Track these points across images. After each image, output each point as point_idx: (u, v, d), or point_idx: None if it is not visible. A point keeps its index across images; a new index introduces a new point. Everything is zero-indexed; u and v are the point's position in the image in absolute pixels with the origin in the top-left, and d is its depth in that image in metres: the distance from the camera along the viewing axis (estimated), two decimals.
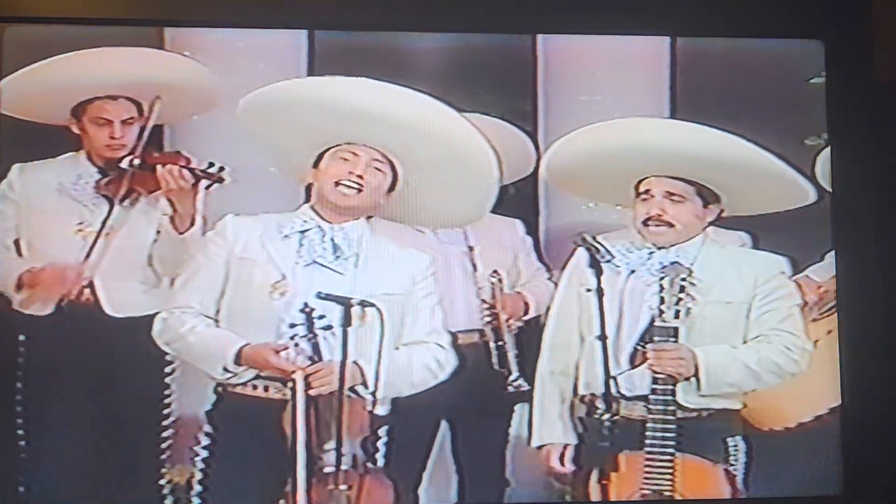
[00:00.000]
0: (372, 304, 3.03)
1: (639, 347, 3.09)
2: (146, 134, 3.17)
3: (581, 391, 3.12)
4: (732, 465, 3.11)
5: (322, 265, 3.07)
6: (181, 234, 3.13)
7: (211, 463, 3.05)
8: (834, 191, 3.25)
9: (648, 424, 3.03)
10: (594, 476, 3.06)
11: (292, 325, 3.01)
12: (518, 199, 3.25)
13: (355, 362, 3.02)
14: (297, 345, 3.00)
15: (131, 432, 3.11)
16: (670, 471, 3.02)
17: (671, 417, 3.02)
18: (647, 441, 3.03)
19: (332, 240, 3.08)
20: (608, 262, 3.13)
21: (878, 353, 3.20)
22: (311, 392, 2.96)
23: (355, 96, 3.08)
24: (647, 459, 3.02)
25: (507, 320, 3.23)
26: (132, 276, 3.15)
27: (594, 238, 3.15)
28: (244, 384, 3.03)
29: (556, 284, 3.21)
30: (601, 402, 3.07)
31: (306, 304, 3.01)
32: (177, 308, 3.06)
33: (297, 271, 3.05)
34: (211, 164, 3.14)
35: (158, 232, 3.16)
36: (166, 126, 3.22)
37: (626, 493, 3.05)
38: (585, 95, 3.31)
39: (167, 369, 3.13)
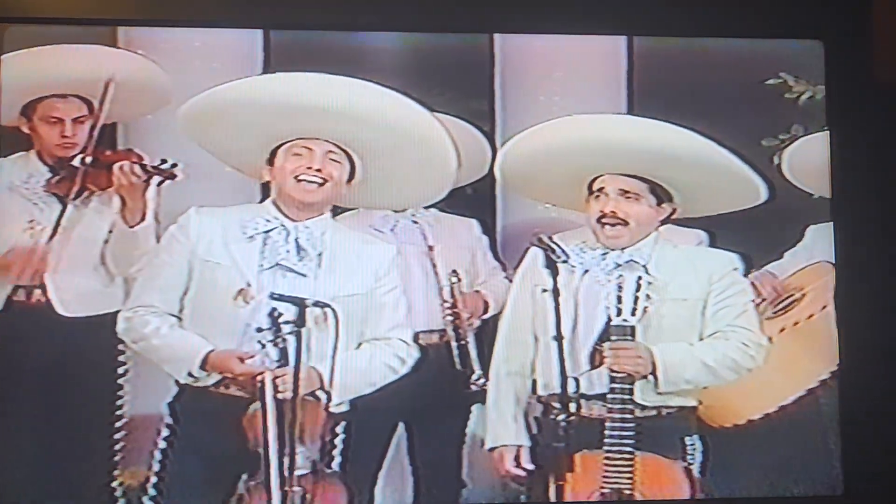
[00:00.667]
0: (327, 305, 3.03)
1: (597, 347, 3.09)
2: (97, 132, 3.15)
3: (540, 391, 3.12)
4: (690, 463, 3.12)
5: (286, 267, 3.06)
6: (132, 227, 3.11)
7: (168, 454, 3.04)
8: (833, 191, 3.27)
9: (607, 423, 3.03)
10: (552, 477, 3.06)
11: (259, 330, 3.00)
12: (475, 199, 3.25)
13: (313, 367, 3.02)
14: (263, 347, 2.99)
15: (83, 434, 3.08)
16: (630, 469, 3.02)
17: (629, 416, 3.02)
18: (606, 440, 3.03)
19: (297, 240, 3.08)
20: (564, 262, 3.13)
21: (878, 353, 3.22)
22: (278, 396, 2.97)
23: (303, 91, 3.09)
24: (606, 458, 3.03)
25: (468, 319, 3.23)
26: (85, 276, 3.13)
27: (550, 238, 3.15)
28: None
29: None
30: (557, 403, 3.07)
31: (274, 309, 3.01)
32: (141, 307, 3.05)
33: (261, 277, 3.04)
34: (163, 161, 3.13)
35: (111, 231, 3.14)
36: (119, 124, 3.20)
37: (586, 493, 3.05)
38: (543, 95, 3.31)
39: (120, 370, 3.11)
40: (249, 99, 3.09)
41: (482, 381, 3.18)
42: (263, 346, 2.99)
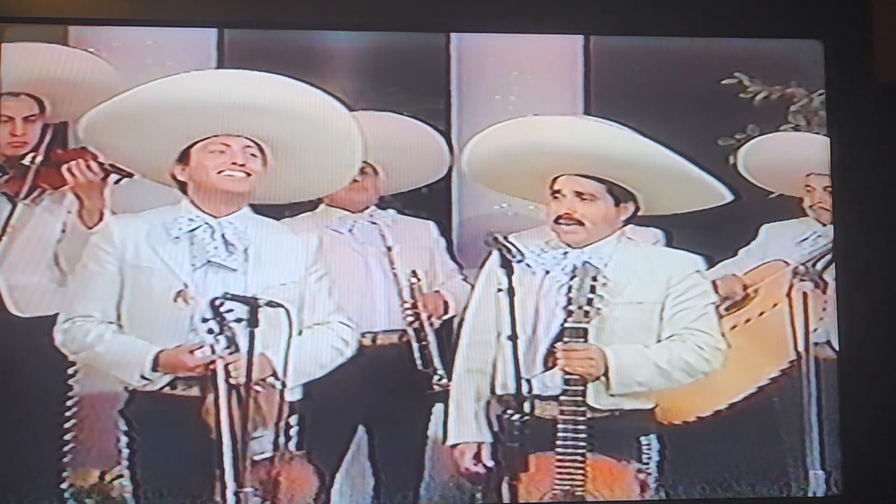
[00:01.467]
0: (280, 305, 3.04)
1: (551, 349, 3.10)
2: (50, 131, 3.14)
3: (498, 390, 3.13)
4: (645, 463, 3.12)
5: (216, 263, 3.07)
6: (90, 228, 3.09)
7: (135, 461, 3.04)
8: (834, 191, 3.28)
9: (559, 425, 3.03)
10: (506, 477, 3.07)
11: (205, 320, 3.01)
12: (432, 200, 3.25)
13: (263, 354, 3.04)
14: (215, 337, 3.00)
15: (33, 435, 3.06)
16: (581, 470, 3.03)
17: (581, 417, 3.03)
18: (559, 441, 3.03)
19: (223, 236, 3.09)
20: (519, 261, 3.13)
21: (878, 353, 3.23)
22: (231, 381, 2.98)
23: (215, 89, 3.10)
24: (559, 459, 3.03)
25: (429, 318, 3.23)
26: (37, 275, 3.10)
27: (505, 238, 3.15)
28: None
29: (472, 285, 3.21)
30: (514, 402, 3.08)
31: (214, 299, 3.02)
32: (78, 317, 3.04)
33: (195, 276, 3.05)
34: None
35: (63, 231, 3.12)
36: (71, 123, 3.16)
37: (539, 494, 3.06)
38: (500, 94, 3.31)
39: (70, 370, 3.09)
40: (156, 103, 3.07)
41: (444, 381, 3.18)
42: (212, 333, 3.00)
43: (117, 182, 3.11)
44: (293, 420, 3.09)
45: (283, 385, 3.05)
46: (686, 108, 3.29)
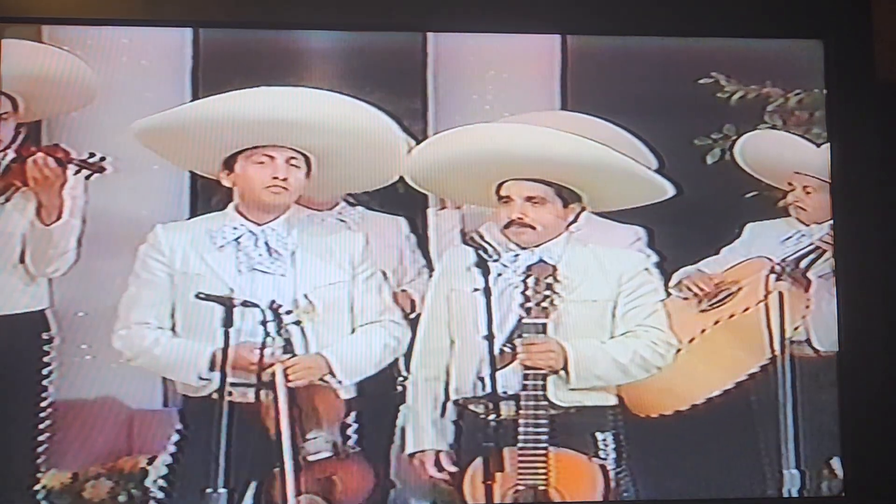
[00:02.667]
0: (255, 305, 3.07)
1: (505, 348, 3.11)
2: (24, 129, 3.13)
3: (452, 395, 3.14)
4: (603, 458, 3.13)
5: (262, 272, 3.12)
6: (48, 226, 3.08)
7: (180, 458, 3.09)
8: (834, 191, 3.29)
9: (521, 420, 3.05)
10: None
11: (263, 323, 3.05)
12: (407, 197, 3.24)
13: (319, 353, 3.10)
14: (272, 339, 3.05)
15: (5, 435, 3.05)
16: (544, 466, 3.05)
17: (542, 412, 3.05)
18: (520, 437, 3.05)
19: (266, 243, 3.12)
20: (496, 261, 3.15)
21: (878, 353, 3.23)
22: (289, 384, 3.04)
23: (259, 105, 3.12)
24: (520, 456, 3.05)
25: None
26: (4, 274, 3.09)
27: (482, 237, 3.17)
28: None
29: None
30: (477, 405, 3.10)
31: (273, 301, 3.07)
32: (133, 324, 3.08)
33: (240, 282, 3.09)
34: (92, 155, 3.11)
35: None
36: (44, 121, 3.16)
37: (503, 490, 3.08)
38: (476, 94, 3.31)
39: (44, 371, 3.09)
40: (204, 117, 3.13)
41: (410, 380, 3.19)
42: (273, 338, 3.05)
43: (88, 178, 3.10)
44: (351, 418, 3.13)
45: (339, 383, 3.10)
46: (663, 107, 3.30)
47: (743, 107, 3.33)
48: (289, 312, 3.07)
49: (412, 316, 3.21)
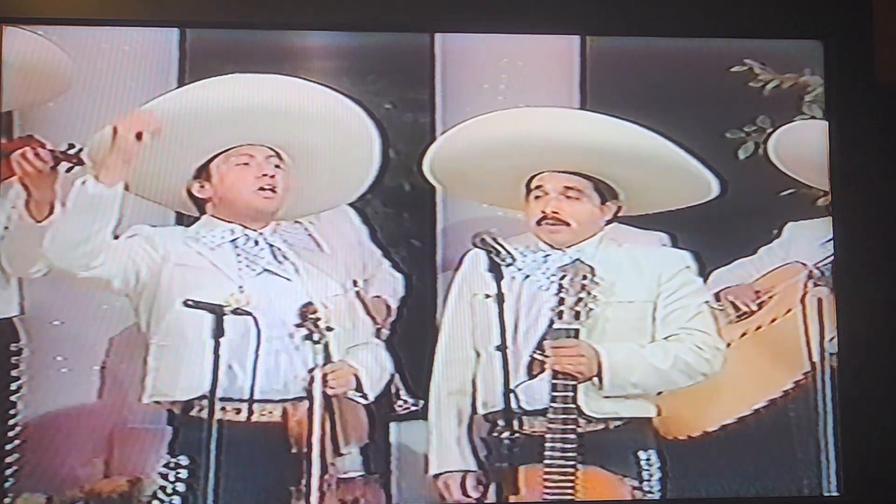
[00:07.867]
0: (247, 313, 2.92)
1: (535, 356, 2.98)
2: None
3: (480, 410, 3.01)
4: (647, 479, 2.99)
5: (273, 273, 2.99)
6: (39, 222, 2.94)
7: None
8: (834, 191, 3.20)
9: (548, 435, 2.91)
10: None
11: (299, 325, 2.93)
12: (413, 196, 3.08)
13: (350, 364, 2.99)
14: (314, 345, 2.91)
15: None
16: (571, 485, 2.89)
17: (571, 426, 2.90)
18: (547, 452, 2.90)
19: (270, 244, 3.01)
20: (509, 265, 3.00)
21: (878, 352, 3.14)
22: (328, 391, 2.92)
23: (234, 95, 2.98)
24: (546, 472, 2.90)
25: (378, 330, 3.07)
26: None
27: (494, 239, 3.02)
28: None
29: (405, 274, 3.07)
30: (502, 419, 2.95)
31: (309, 303, 2.94)
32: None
33: (247, 281, 2.96)
34: (70, 146, 2.98)
35: (7, 227, 2.95)
36: (15, 112, 3.01)
37: None
38: (488, 83, 3.13)
39: (13, 386, 2.94)
40: (176, 113, 2.96)
41: (411, 402, 3.02)
42: (310, 339, 2.91)
43: (68, 171, 2.96)
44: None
45: (363, 397, 2.99)
46: (692, 99, 3.18)
47: (778, 97, 3.22)
48: (319, 319, 2.93)
49: (390, 321, 3.05)
